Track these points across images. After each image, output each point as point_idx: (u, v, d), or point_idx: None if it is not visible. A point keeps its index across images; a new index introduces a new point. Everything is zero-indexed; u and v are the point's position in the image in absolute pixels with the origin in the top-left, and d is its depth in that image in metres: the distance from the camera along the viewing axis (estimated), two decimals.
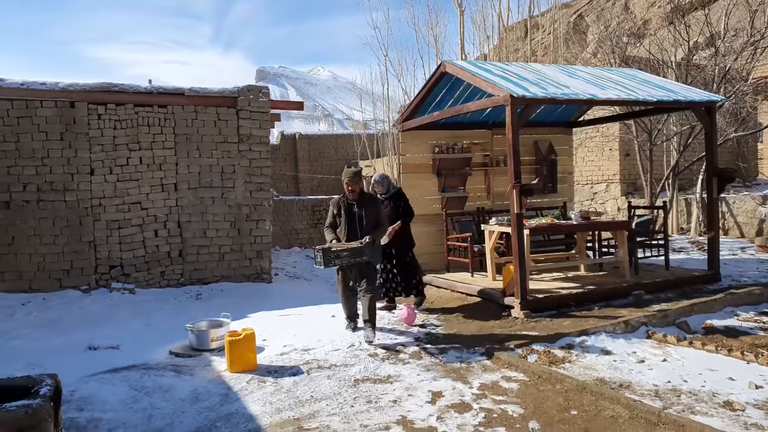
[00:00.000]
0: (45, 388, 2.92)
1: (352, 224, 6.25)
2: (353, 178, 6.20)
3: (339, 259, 5.94)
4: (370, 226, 6.22)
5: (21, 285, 8.59)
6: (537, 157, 10.23)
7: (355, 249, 6.02)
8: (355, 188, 6.20)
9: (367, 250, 6.04)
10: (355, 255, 6.01)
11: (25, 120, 8.68)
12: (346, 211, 6.27)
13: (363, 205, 6.26)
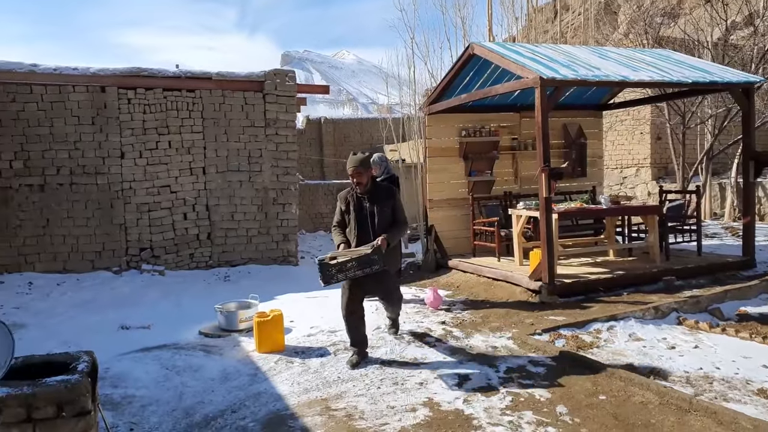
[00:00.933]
0: (82, 364, 3.00)
1: (363, 224, 5.07)
2: (358, 168, 5.00)
3: (343, 273, 4.74)
4: (384, 224, 5.06)
5: (56, 266, 8.81)
6: (566, 141, 10.08)
7: (362, 257, 4.72)
8: (362, 180, 5.03)
9: (377, 257, 4.73)
10: (363, 265, 4.73)
11: (58, 105, 8.84)
12: (356, 208, 5.10)
13: (376, 199, 5.09)
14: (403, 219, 5.21)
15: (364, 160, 5.04)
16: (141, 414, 4.08)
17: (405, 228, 5.24)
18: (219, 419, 3.99)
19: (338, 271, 4.72)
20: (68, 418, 2.70)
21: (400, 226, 5.16)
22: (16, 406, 2.64)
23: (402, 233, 5.23)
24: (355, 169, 5.01)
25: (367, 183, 5.07)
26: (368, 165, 5.06)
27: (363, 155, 5.10)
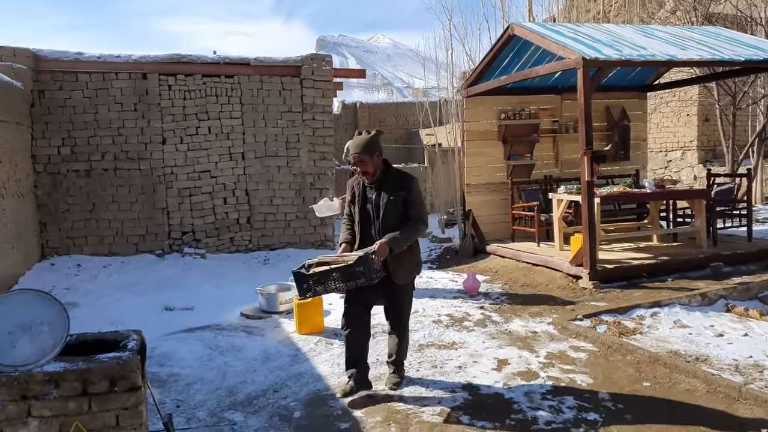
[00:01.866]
0: (132, 342, 3.09)
1: (366, 220, 4.03)
2: (360, 155, 3.89)
3: (322, 285, 3.77)
4: (391, 222, 3.91)
5: (102, 249, 9.07)
6: (609, 123, 9.84)
7: (347, 267, 3.72)
8: (368, 169, 3.92)
9: (362, 269, 3.68)
10: (347, 277, 3.74)
11: (102, 92, 9.05)
12: (360, 199, 4.05)
13: (384, 189, 3.96)
14: (419, 215, 3.98)
15: (367, 144, 3.89)
16: (187, 392, 4.19)
17: (420, 227, 3.99)
18: (261, 398, 4.07)
19: (316, 283, 3.76)
20: (120, 392, 2.79)
21: (413, 226, 3.93)
22: (72, 380, 2.74)
23: (415, 234, 3.96)
24: (357, 157, 3.90)
25: (375, 172, 3.96)
26: (373, 150, 3.89)
27: (367, 136, 3.95)
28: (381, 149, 3.97)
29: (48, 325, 2.86)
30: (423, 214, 4.03)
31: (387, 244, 3.79)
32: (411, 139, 19.78)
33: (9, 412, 2.67)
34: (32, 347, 2.79)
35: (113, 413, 2.81)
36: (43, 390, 2.72)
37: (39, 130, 8.79)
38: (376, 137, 3.97)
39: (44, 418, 2.72)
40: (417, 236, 4.00)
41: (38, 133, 8.79)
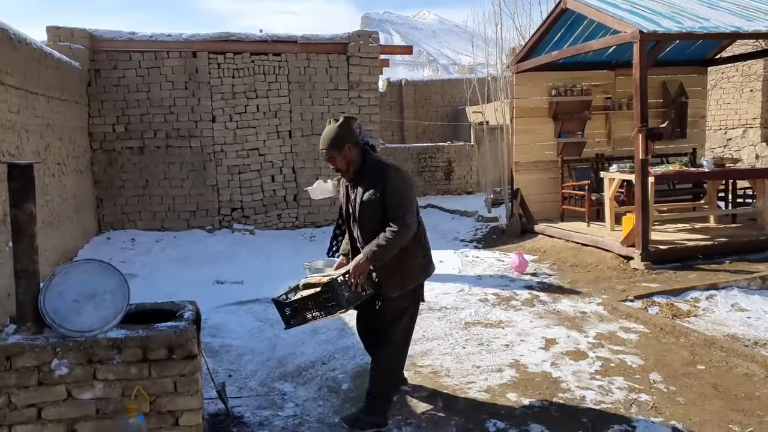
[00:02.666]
0: (188, 312, 3.19)
1: (349, 223, 3.49)
2: (328, 150, 3.26)
3: (300, 316, 3.32)
4: (369, 228, 3.25)
5: (154, 224, 9.36)
6: (665, 100, 9.49)
7: (318, 295, 3.21)
8: (338, 165, 3.28)
9: (332, 294, 3.14)
10: (321, 306, 3.21)
11: (154, 71, 9.25)
12: (345, 199, 3.49)
13: (360, 184, 3.28)
14: (397, 216, 3.13)
15: (334, 137, 3.23)
16: (238, 362, 4.31)
17: (401, 233, 3.11)
18: (310, 370, 4.15)
19: (293, 314, 3.33)
20: (178, 360, 2.89)
21: (389, 232, 3.11)
22: (134, 346, 2.85)
23: (394, 241, 3.10)
24: (325, 153, 3.29)
25: (349, 167, 3.27)
26: (342, 142, 3.22)
27: (333, 126, 3.27)
28: (355, 138, 3.25)
29: (110, 294, 2.98)
30: (403, 215, 3.14)
31: (365, 260, 3.12)
32: (457, 116, 19.57)
33: (77, 374, 2.80)
34: (96, 315, 2.92)
35: (171, 379, 2.91)
36: (107, 355, 2.84)
37: (95, 108, 9.08)
38: (344, 126, 3.25)
39: (108, 381, 2.84)
40: (397, 243, 3.11)
41: (94, 112, 9.08)
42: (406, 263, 3.27)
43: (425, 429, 3.28)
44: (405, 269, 3.27)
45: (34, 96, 6.32)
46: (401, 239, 3.13)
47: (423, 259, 3.39)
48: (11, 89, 5.59)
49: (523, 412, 3.45)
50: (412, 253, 3.28)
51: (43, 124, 6.60)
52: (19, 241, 2.89)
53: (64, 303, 2.90)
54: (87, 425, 2.84)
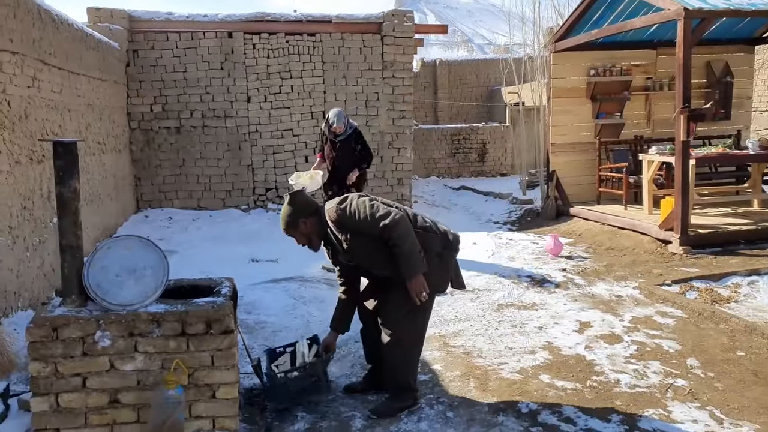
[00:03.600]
0: (225, 288, 3.25)
1: (359, 270, 3.46)
2: (287, 231, 3.37)
3: (286, 395, 3.29)
4: (375, 262, 3.24)
5: (191, 203, 9.53)
6: (709, 80, 9.19)
7: (300, 370, 3.32)
8: (303, 242, 3.37)
9: (306, 372, 3.29)
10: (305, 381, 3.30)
11: (191, 51, 9.35)
12: (333, 258, 3.49)
13: (334, 239, 3.27)
14: (381, 226, 3.05)
15: (287, 219, 3.28)
16: (273, 338, 4.39)
17: (398, 231, 3.05)
18: (343, 347, 4.20)
19: (280, 387, 3.27)
20: (215, 335, 2.96)
21: (395, 241, 3.07)
22: (173, 320, 2.93)
23: (405, 241, 3.06)
24: (285, 233, 3.37)
25: (312, 240, 3.32)
26: (296, 222, 3.26)
27: (285, 209, 3.31)
28: (308, 210, 3.25)
29: (150, 269, 3.05)
30: (381, 222, 3.05)
31: (414, 276, 3.05)
32: (492, 97, 19.31)
33: (119, 346, 2.89)
34: (137, 289, 3.00)
35: (209, 354, 2.98)
36: (147, 328, 2.92)
37: (133, 88, 9.23)
38: (293, 203, 3.26)
39: (148, 354, 2.93)
40: (406, 238, 3.05)
41: (133, 92, 9.23)
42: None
43: (456, 408, 3.30)
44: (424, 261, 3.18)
45: (76, 76, 6.46)
46: (403, 233, 3.06)
47: (429, 244, 3.21)
48: (54, 69, 5.72)
49: (556, 394, 3.44)
50: (430, 239, 3.23)
51: (84, 104, 6.75)
52: (64, 217, 2.98)
53: (106, 277, 2.99)
54: (129, 395, 2.93)
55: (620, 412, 3.21)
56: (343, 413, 3.25)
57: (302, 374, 3.23)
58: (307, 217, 3.25)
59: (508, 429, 3.07)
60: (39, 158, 5.17)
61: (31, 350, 2.85)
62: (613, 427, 3.07)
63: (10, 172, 4.60)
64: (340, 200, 3.23)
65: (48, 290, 5.13)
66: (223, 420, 3.02)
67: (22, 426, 2.99)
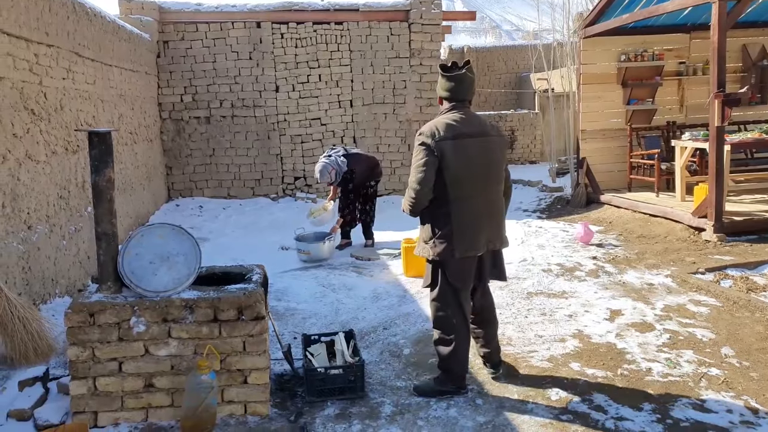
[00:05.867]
0: (256, 275, 3.30)
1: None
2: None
3: (321, 390, 3.29)
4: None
5: (221, 192, 9.66)
6: (744, 64, 8.94)
7: (341, 369, 3.32)
8: None
9: (356, 369, 3.30)
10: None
11: (220, 41, 9.43)
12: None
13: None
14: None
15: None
16: (302, 325, 4.44)
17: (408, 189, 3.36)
18: (372, 334, 4.23)
19: (317, 382, 3.27)
20: (247, 321, 3.01)
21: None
22: (205, 307, 2.99)
23: (407, 193, 3.38)
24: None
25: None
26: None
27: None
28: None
29: (183, 256, 3.11)
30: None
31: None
32: (521, 84, 19.06)
33: (153, 332, 2.96)
34: (170, 276, 3.06)
35: (240, 339, 3.04)
36: (180, 314, 2.98)
37: (164, 79, 9.36)
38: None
39: (182, 339, 3.00)
40: (409, 195, 3.33)
41: (163, 82, 9.37)
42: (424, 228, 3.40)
43: (485, 395, 3.30)
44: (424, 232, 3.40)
45: (108, 67, 6.58)
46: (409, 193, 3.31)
47: (437, 228, 3.28)
48: (87, 61, 5.84)
49: (586, 382, 3.41)
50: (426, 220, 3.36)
51: (117, 95, 6.88)
52: (99, 206, 3.05)
53: (140, 264, 3.06)
54: (163, 380, 3.01)
55: (652, 401, 3.17)
56: (372, 399, 3.28)
57: (342, 374, 3.27)
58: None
59: (538, 416, 3.07)
60: (74, 148, 5.29)
61: (69, 335, 2.94)
62: (644, 416, 3.04)
63: (47, 162, 4.72)
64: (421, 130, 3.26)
65: (83, 277, 5.27)
66: (254, 405, 3.09)
67: (61, 409, 3.08)
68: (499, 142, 3.34)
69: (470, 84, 3.30)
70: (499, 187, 3.35)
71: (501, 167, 3.34)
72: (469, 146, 3.18)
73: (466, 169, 3.18)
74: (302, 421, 3.06)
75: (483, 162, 3.22)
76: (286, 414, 3.15)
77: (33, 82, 4.58)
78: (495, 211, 3.32)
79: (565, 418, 3.05)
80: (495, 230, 3.31)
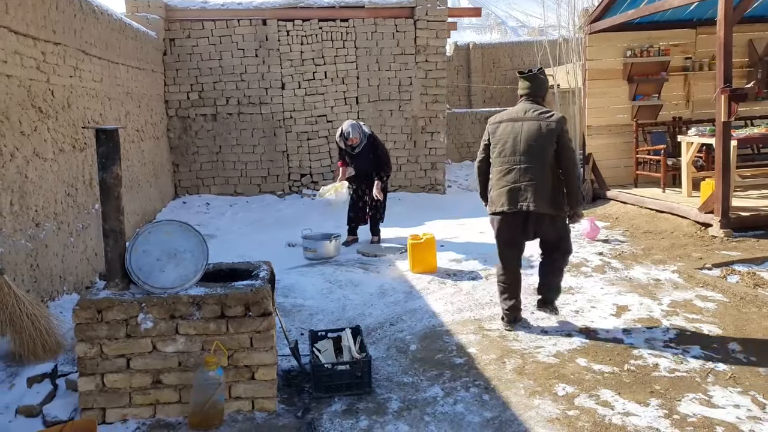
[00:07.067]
0: (263, 272, 3.32)
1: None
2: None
3: (328, 386, 3.30)
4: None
5: (228, 189, 9.68)
6: (751, 59, 8.89)
7: (348, 365, 3.33)
8: None
9: (363, 365, 3.32)
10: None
11: (226, 39, 9.44)
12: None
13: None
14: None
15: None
16: (309, 321, 4.46)
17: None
18: (379, 330, 4.24)
19: (324, 378, 3.30)
20: (254, 317, 3.02)
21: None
22: (212, 303, 3.00)
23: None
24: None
25: None
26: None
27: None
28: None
29: (190, 253, 3.13)
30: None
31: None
32: None
33: (160, 328, 2.98)
34: (177, 273, 3.08)
35: (247, 336, 3.06)
36: (187, 311, 3.00)
37: (170, 76, 9.38)
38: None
39: (189, 336, 3.02)
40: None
41: (170, 80, 9.39)
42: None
43: (492, 391, 3.31)
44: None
45: (115, 65, 6.60)
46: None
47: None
48: (94, 59, 5.86)
49: (593, 377, 3.42)
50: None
51: (123, 93, 6.90)
52: (106, 203, 3.07)
53: (147, 261, 3.08)
54: (171, 376, 3.03)
55: (659, 396, 3.17)
56: (379, 395, 3.29)
57: (349, 369, 3.28)
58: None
59: (545, 412, 3.07)
60: (81, 146, 5.32)
61: (77, 332, 2.96)
62: (651, 411, 3.04)
63: (54, 160, 4.75)
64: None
65: (91, 274, 5.30)
66: (262, 401, 3.10)
67: (69, 405, 3.11)
68: (536, 125, 3.99)
69: (541, 83, 4.17)
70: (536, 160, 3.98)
71: (535, 144, 3.97)
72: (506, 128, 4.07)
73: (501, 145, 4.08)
74: (309, 417, 3.08)
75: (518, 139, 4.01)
76: (293, 410, 3.16)
77: (40, 80, 4.60)
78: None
79: (572, 413, 3.05)
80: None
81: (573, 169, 4.07)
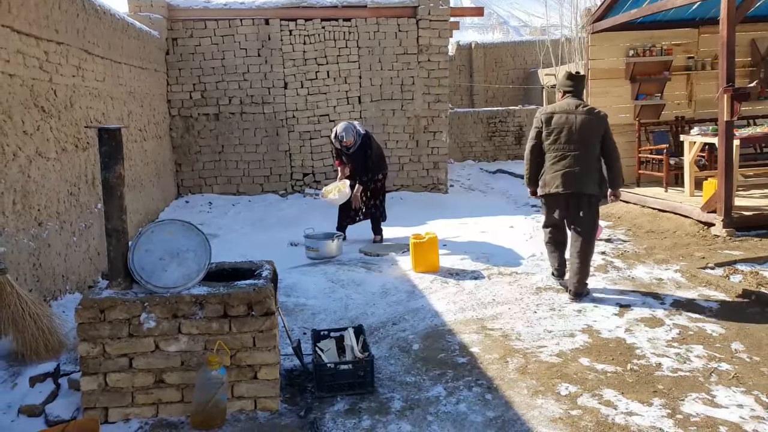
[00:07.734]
0: (266, 271, 3.32)
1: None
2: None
3: (331, 386, 3.30)
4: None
5: (230, 188, 9.69)
6: (754, 58, 8.87)
7: (351, 364, 3.33)
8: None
9: (366, 365, 3.32)
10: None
11: (228, 38, 9.45)
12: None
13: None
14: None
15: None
16: (312, 320, 4.46)
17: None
18: (381, 330, 4.25)
19: (327, 377, 3.30)
20: (257, 316, 3.03)
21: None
22: (215, 303, 3.00)
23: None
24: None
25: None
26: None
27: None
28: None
29: (193, 252, 3.13)
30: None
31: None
32: (529, 79, 18.98)
33: (163, 327, 2.99)
34: (180, 272, 3.08)
35: (250, 335, 3.06)
36: (190, 310, 3.00)
37: (173, 76, 9.39)
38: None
39: (192, 335, 3.02)
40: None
41: (172, 79, 9.40)
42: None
43: (495, 390, 3.31)
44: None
45: (118, 65, 6.61)
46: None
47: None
48: (97, 59, 5.87)
49: (596, 377, 3.41)
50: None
51: (126, 92, 6.91)
52: (109, 202, 3.07)
53: (150, 260, 3.08)
54: (173, 375, 3.03)
55: (662, 396, 3.17)
56: (381, 394, 3.29)
57: (351, 369, 3.28)
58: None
59: (548, 411, 3.07)
60: (84, 145, 5.32)
61: (79, 331, 2.97)
62: (654, 411, 3.03)
63: (57, 159, 4.75)
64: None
65: (93, 274, 5.31)
66: (264, 401, 3.10)
67: (72, 404, 3.11)
68: (588, 118, 4.64)
69: (583, 83, 4.94)
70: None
71: (588, 134, 4.63)
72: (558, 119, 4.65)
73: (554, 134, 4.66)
74: (312, 417, 3.08)
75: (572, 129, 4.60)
76: (296, 409, 3.16)
77: (43, 80, 4.61)
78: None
79: (575, 413, 3.05)
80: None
81: (617, 156, 4.78)
